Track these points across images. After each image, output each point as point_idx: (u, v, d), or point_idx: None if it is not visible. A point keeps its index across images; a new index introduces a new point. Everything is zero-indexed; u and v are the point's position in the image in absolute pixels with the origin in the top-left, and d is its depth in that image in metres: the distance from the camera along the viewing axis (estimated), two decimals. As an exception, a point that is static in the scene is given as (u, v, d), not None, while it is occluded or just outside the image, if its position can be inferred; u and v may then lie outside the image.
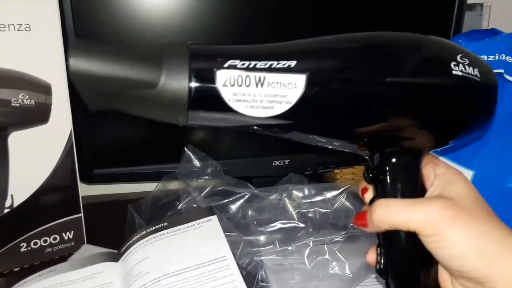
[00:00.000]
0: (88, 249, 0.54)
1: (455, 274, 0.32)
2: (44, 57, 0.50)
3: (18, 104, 0.49)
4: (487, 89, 0.34)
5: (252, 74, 0.29)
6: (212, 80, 0.29)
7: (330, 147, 0.35)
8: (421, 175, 0.35)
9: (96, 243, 0.57)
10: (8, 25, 0.47)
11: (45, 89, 0.51)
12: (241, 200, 0.59)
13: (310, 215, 0.56)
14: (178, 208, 0.57)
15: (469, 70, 0.32)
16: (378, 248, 0.35)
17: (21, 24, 0.48)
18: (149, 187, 0.64)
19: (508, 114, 0.57)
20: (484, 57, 0.55)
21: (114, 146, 0.64)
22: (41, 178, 0.53)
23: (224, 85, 0.29)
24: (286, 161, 0.69)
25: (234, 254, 0.46)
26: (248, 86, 0.29)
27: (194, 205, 0.57)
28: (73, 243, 0.56)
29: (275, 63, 0.29)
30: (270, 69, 0.29)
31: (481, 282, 0.30)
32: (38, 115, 0.51)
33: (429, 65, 0.32)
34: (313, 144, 0.35)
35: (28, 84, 0.50)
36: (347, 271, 0.50)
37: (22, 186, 0.52)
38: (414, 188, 0.34)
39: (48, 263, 0.53)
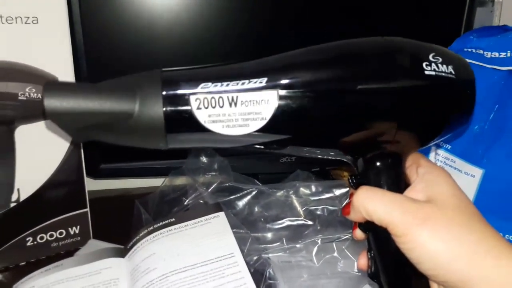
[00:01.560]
0: (94, 244, 0.54)
1: (430, 277, 0.32)
2: (51, 50, 0.50)
3: (25, 98, 0.49)
4: (464, 85, 0.33)
5: (225, 95, 0.30)
6: (186, 104, 0.30)
7: (312, 155, 0.35)
8: (405, 176, 0.35)
9: (103, 238, 0.56)
10: (16, 18, 0.47)
11: (52, 82, 0.50)
12: (248, 197, 0.58)
13: (318, 212, 0.56)
14: (185, 203, 0.57)
15: (443, 68, 0.32)
16: (369, 253, 0.35)
17: (28, 17, 0.48)
18: (156, 182, 0.63)
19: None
20: (496, 54, 0.54)
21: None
22: (48, 173, 0.53)
23: (198, 108, 0.30)
24: (293, 158, 0.68)
25: (242, 251, 0.46)
26: (222, 106, 0.30)
27: (201, 201, 0.57)
28: (79, 238, 0.56)
29: (246, 81, 0.30)
30: (242, 89, 0.30)
31: (458, 286, 0.30)
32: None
33: (399, 68, 0.31)
34: (296, 155, 0.35)
35: (35, 78, 0.49)
36: (355, 270, 0.49)
37: (29, 180, 0.52)
38: (397, 191, 0.34)
39: (54, 258, 0.53)
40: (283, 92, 0.30)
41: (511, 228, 0.57)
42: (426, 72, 0.31)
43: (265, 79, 0.30)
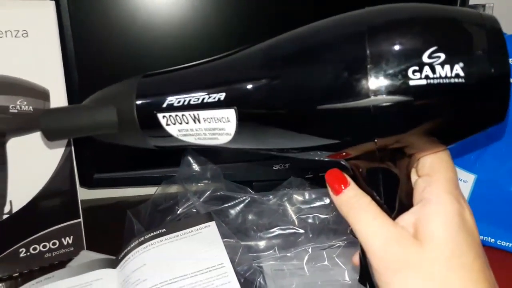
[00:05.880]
0: (86, 255, 0.54)
1: None
2: (41, 63, 0.50)
3: (16, 111, 0.49)
4: (482, 90, 0.24)
5: (187, 113, 0.31)
6: (157, 122, 0.32)
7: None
8: (405, 184, 0.30)
9: (96, 248, 0.56)
10: (5, 32, 0.47)
11: (43, 95, 0.51)
12: (241, 205, 0.58)
13: (309, 220, 0.56)
14: (178, 213, 0.57)
15: (444, 71, 0.23)
16: (360, 255, 0.33)
17: (18, 30, 0.48)
18: (151, 190, 0.64)
19: (511, 117, 0.56)
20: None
21: (114, 150, 0.63)
22: (40, 184, 0.53)
23: (168, 125, 0.32)
24: (287, 165, 0.68)
25: (233, 261, 0.46)
26: (187, 123, 0.31)
27: (194, 210, 0.57)
28: (72, 248, 0.56)
29: (206, 97, 0.30)
30: (202, 105, 0.30)
31: None
32: (36, 121, 0.51)
33: (371, 80, 0.25)
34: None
35: (26, 90, 0.50)
36: (346, 278, 0.49)
37: (21, 191, 0.52)
38: (392, 206, 0.30)
39: (48, 268, 0.53)
40: (241, 110, 0.29)
41: (503, 233, 0.57)
42: (412, 83, 0.24)
43: (224, 94, 0.29)
